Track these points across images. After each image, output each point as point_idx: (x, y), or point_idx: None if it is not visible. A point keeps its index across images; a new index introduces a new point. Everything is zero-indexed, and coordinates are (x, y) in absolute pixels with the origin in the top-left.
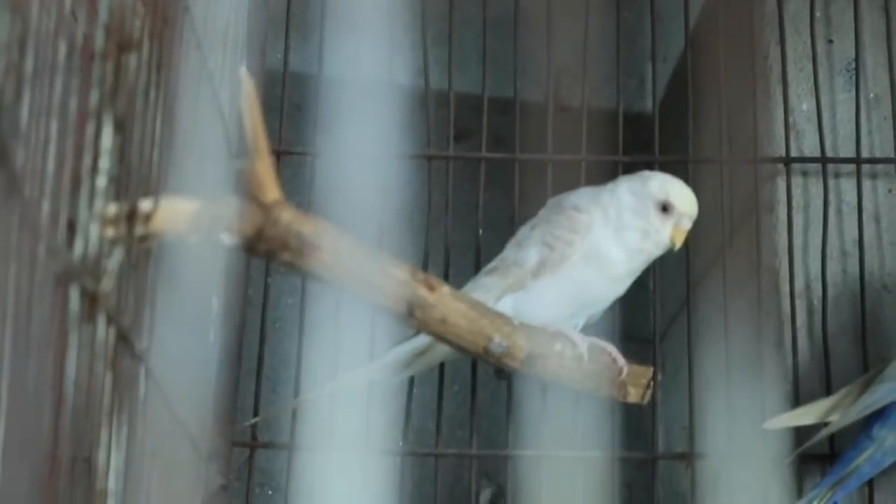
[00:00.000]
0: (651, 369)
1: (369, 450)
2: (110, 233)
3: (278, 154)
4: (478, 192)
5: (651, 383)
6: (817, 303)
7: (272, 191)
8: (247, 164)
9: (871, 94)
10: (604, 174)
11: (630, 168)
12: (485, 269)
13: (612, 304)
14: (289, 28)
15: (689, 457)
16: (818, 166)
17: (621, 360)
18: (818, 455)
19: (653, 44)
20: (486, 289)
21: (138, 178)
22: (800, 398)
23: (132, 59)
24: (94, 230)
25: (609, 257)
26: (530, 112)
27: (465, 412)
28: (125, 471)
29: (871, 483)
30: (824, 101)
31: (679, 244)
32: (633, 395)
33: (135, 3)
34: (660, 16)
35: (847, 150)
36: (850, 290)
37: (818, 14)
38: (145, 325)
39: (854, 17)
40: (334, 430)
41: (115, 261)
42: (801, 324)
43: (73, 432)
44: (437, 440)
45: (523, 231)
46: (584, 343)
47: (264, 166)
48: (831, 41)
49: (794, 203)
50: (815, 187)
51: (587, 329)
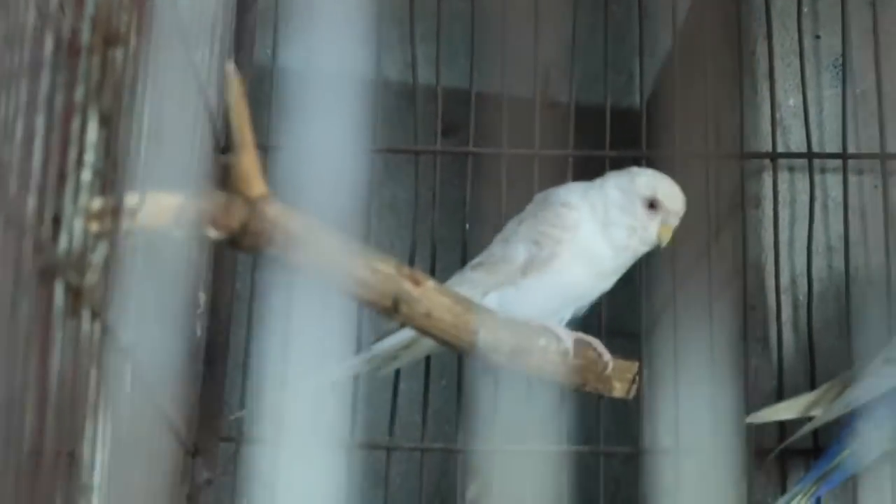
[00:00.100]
0: (636, 364)
1: (353, 444)
2: (95, 227)
3: (266, 149)
4: (465, 186)
5: (636, 378)
6: (803, 298)
7: (257, 185)
8: (232, 159)
9: (858, 90)
10: (591, 169)
11: (617, 163)
12: (471, 263)
13: (600, 299)
14: (278, 22)
15: (674, 452)
16: (804, 162)
17: (607, 355)
18: (802, 450)
19: (640, 39)
20: (472, 284)
21: (123, 172)
22: (785, 393)
23: (118, 54)
24: (79, 225)
25: (597, 254)
26: (518, 107)
27: (453, 407)
28: (109, 465)
29: (854, 478)
30: (811, 96)
31: (666, 241)
32: (619, 390)
33: None
34: (648, 11)
35: (833, 146)
36: (835, 285)
37: (805, 9)
38: (130, 319)
39: (841, 12)
40: (317, 423)
41: (99, 255)
42: (786, 319)
43: (57, 427)
44: (423, 434)
45: (510, 226)
46: (569, 338)
47: (250, 161)
48: (818, 37)
49: (780, 198)
50: (802, 183)
51: (573, 323)
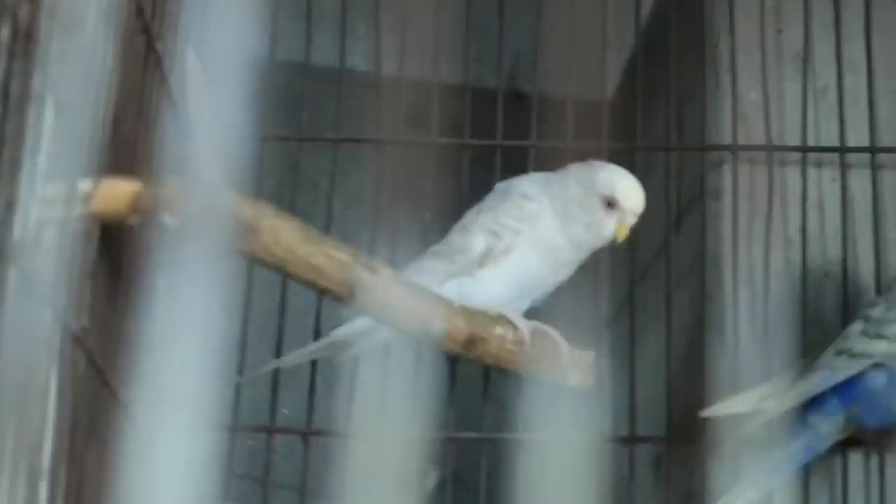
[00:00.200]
0: (593, 354)
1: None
2: (50, 214)
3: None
4: (428, 176)
5: (594, 367)
6: (760, 290)
7: (212, 172)
8: (189, 146)
9: (819, 84)
10: (554, 160)
11: (579, 155)
12: (429, 251)
13: (561, 289)
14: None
15: (631, 441)
16: (765, 154)
17: (563, 344)
18: (755, 441)
19: (603, 32)
20: (430, 273)
21: (79, 159)
22: (741, 383)
23: (76, 41)
24: (34, 211)
25: (554, 246)
26: (485, 98)
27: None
28: (59, 449)
29: (806, 469)
30: (772, 89)
31: (622, 239)
32: (575, 379)
33: None
34: (615, 4)
35: (794, 139)
36: (792, 277)
37: (768, 3)
38: (85, 306)
39: (803, 6)
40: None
41: (54, 242)
42: (743, 310)
43: (9, 411)
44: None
45: (469, 216)
46: (526, 327)
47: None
48: (781, 31)
49: (739, 191)
50: (762, 175)
51: (533, 313)
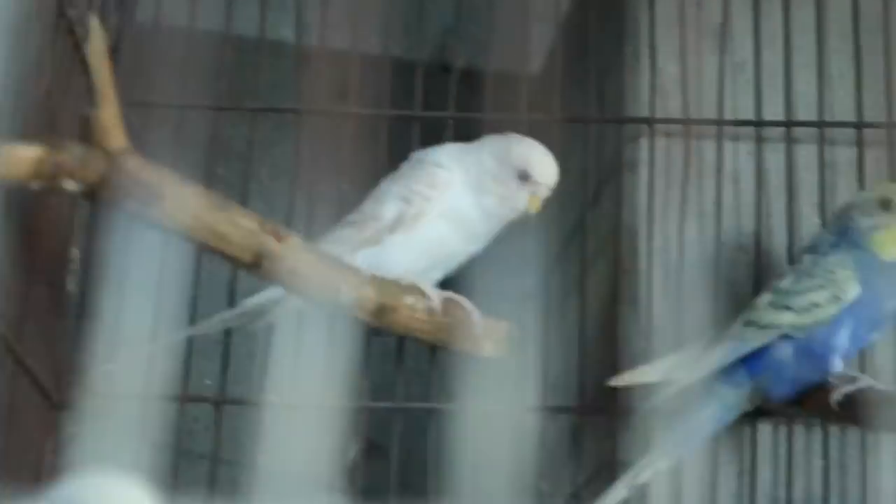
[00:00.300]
0: (507, 324)
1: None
2: None
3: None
4: (350, 147)
5: (508, 338)
6: (674, 262)
7: (117, 138)
8: (92, 112)
9: (737, 58)
10: (473, 132)
11: (498, 127)
12: (343, 221)
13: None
14: None
15: (544, 411)
16: (681, 127)
17: (476, 315)
18: (666, 410)
19: (529, 6)
20: (342, 242)
21: None
22: (654, 354)
23: None
24: None
25: (467, 216)
26: (413, 71)
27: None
28: None
29: (716, 438)
30: (691, 63)
31: (534, 211)
32: (489, 350)
33: None
34: None
35: (711, 113)
36: (707, 250)
37: None
38: None
39: None
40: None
41: None
42: (657, 282)
43: None
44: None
45: (384, 185)
46: (437, 296)
47: (110, 114)
48: (700, 5)
49: (656, 164)
50: (678, 148)
51: (457, 285)
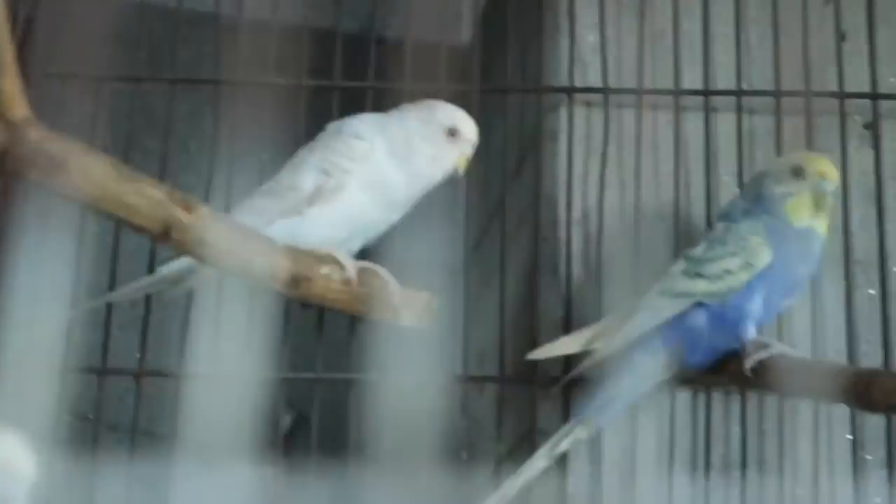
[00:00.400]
0: (426, 294)
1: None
2: None
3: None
4: (266, 118)
5: (430, 308)
6: (593, 231)
7: (19, 109)
8: None
9: (656, 27)
10: (394, 103)
11: (419, 97)
12: (259, 190)
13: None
14: None
15: (465, 381)
16: (601, 97)
17: (393, 284)
18: (585, 380)
19: None
20: (259, 211)
21: None
22: (573, 324)
23: None
24: None
25: (389, 184)
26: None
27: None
28: None
29: (634, 408)
30: (611, 33)
31: (462, 170)
32: (408, 319)
33: None
34: None
35: (630, 82)
36: (626, 219)
37: None
38: None
39: None
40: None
41: None
42: (576, 251)
43: None
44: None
45: (302, 154)
46: (353, 266)
47: (11, 83)
48: None
49: (575, 133)
50: (598, 118)
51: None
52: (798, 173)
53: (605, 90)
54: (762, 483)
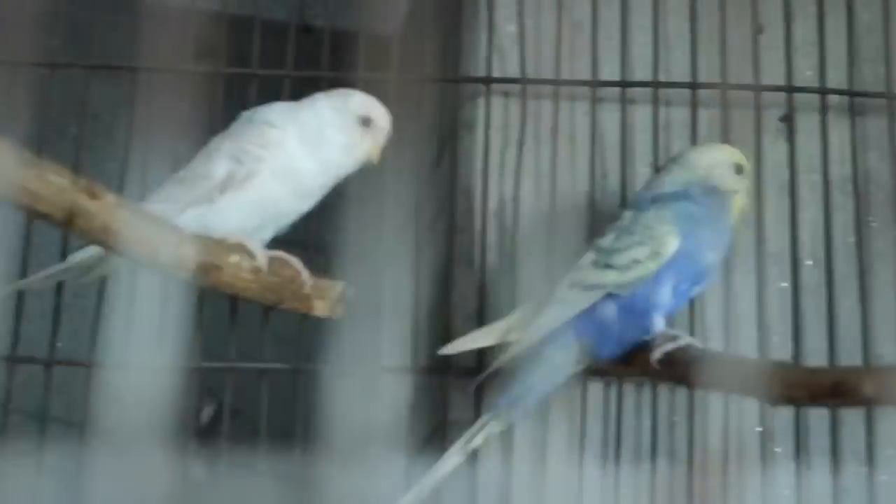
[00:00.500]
0: (340, 283)
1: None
2: None
3: None
4: (183, 106)
5: (343, 298)
6: (509, 222)
7: None
8: None
9: (575, 18)
10: (313, 91)
11: (334, 85)
12: (173, 178)
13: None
14: None
15: (383, 370)
16: (519, 87)
17: (305, 274)
18: (498, 373)
19: None
20: (172, 200)
21: None
22: (487, 315)
23: None
24: None
25: (300, 173)
26: (271, 32)
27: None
28: None
29: (547, 399)
30: (530, 23)
31: (376, 159)
32: (321, 309)
33: None
34: None
35: (548, 73)
36: (542, 210)
37: None
38: None
39: None
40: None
41: None
42: (492, 242)
43: None
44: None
45: (214, 143)
46: (263, 255)
47: None
48: None
49: (493, 123)
50: (515, 108)
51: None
52: (738, 171)
53: (523, 80)
54: (672, 474)
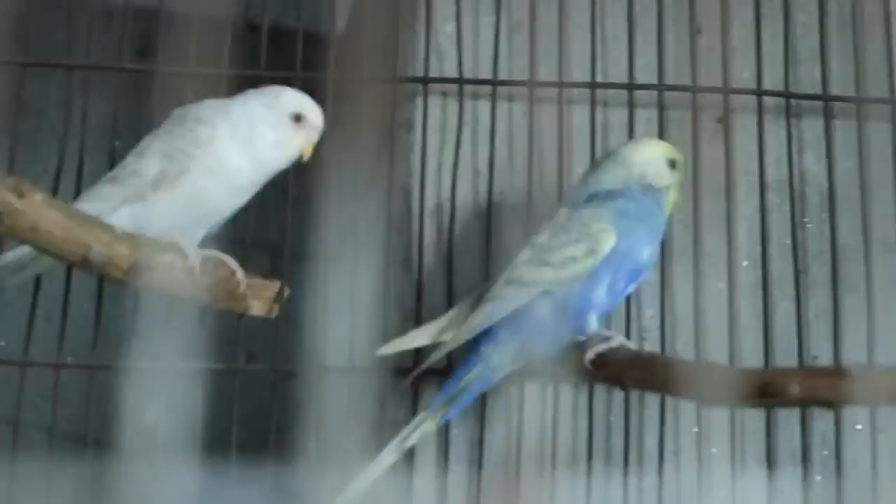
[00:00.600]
0: (276, 283)
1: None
2: None
3: None
4: (118, 105)
5: (280, 298)
6: (446, 222)
7: None
8: None
9: (514, 18)
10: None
11: (269, 83)
12: (104, 177)
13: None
14: None
15: (320, 370)
16: (457, 87)
17: (240, 273)
18: (435, 371)
19: None
20: (104, 198)
21: None
22: (424, 315)
23: None
24: None
25: (233, 169)
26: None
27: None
28: None
29: (483, 399)
30: (468, 23)
31: (307, 156)
32: (257, 308)
33: None
34: None
35: (487, 73)
36: (479, 210)
37: None
38: None
39: None
40: None
41: None
42: (429, 242)
43: None
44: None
45: (145, 141)
46: (196, 255)
47: None
48: None
49: (430, 123)
50: (454, 108)
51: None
52: (672, 165)
53: (461, 81)
54: (608, 475)
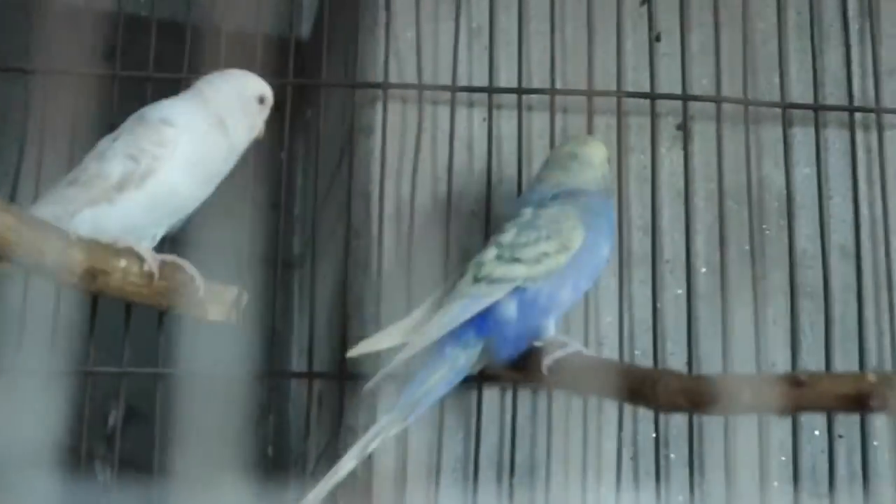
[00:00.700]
0: (235, 289)
1: None
2: None
3: None
4: (77, 108)
5: (238, 303)
6: (406, 226)
7: None
8: None
9: (474, 24)
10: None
11: None
12: (65, 179)
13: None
14: None
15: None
16: (416, 93)
17: (199, 278)
18: (395, 376)
19: None
20: (65, 201)
21: None
22: (384, 319)
23: None
24: None
25: (203, 161)
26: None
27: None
28: None
29: (442, 404)
30: (428, 29)
31: (262, 135)
32: (215, 314)
33: None
34: None
35: (446, 79)
36: (439, 214)
37: None
38: None
39: None
40: None
41: None
42: (389, 247)
43: None
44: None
45: (104, 142)
46: (154, 259)
47: None
48: None
49: (390, 129)
50: (413, 114)
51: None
52: (574, 158)
53: (420, 86)
54: (567, 483)
